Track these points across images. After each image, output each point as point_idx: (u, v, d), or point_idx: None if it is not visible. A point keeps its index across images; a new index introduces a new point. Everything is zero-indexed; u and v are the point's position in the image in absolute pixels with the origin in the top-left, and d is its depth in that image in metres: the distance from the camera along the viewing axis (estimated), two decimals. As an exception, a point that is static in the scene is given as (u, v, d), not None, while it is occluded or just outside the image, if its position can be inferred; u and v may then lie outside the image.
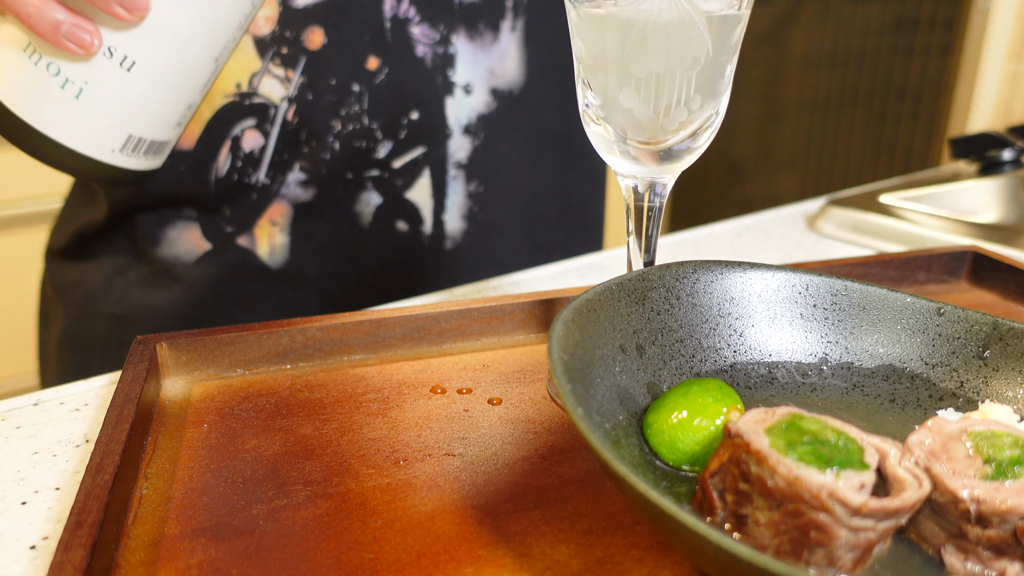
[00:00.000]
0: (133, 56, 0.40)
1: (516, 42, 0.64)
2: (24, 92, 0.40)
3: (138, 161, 0.44)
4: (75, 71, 0.40)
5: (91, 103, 0.41)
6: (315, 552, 0.29)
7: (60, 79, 0.40)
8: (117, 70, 0.40)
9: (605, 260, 0.66)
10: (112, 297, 0.63)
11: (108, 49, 0.40)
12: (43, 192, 1.61)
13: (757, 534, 0.27)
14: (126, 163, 0.44)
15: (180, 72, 0.42)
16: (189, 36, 0.41)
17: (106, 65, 0.40)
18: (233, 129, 0.58)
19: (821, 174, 2.16)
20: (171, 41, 0.41)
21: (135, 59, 0.40)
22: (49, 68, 0.40)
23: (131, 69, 0.41)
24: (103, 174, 0.43)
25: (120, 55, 0.40)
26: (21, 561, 0.30)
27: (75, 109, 0.41)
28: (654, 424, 0.33)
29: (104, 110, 0.41)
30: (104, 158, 0.42)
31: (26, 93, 0.40)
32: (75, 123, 0.41)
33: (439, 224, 0.65)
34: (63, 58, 0.40)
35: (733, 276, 0.39)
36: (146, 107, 0.42)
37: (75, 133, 0.41)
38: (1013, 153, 0.90)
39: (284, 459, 0.35)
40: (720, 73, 0.36)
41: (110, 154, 0.42)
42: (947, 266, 0.56)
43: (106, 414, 0.34)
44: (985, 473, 0.27)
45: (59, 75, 0.40)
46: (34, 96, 0.40)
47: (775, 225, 0.77)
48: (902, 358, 0.38)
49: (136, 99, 0.42)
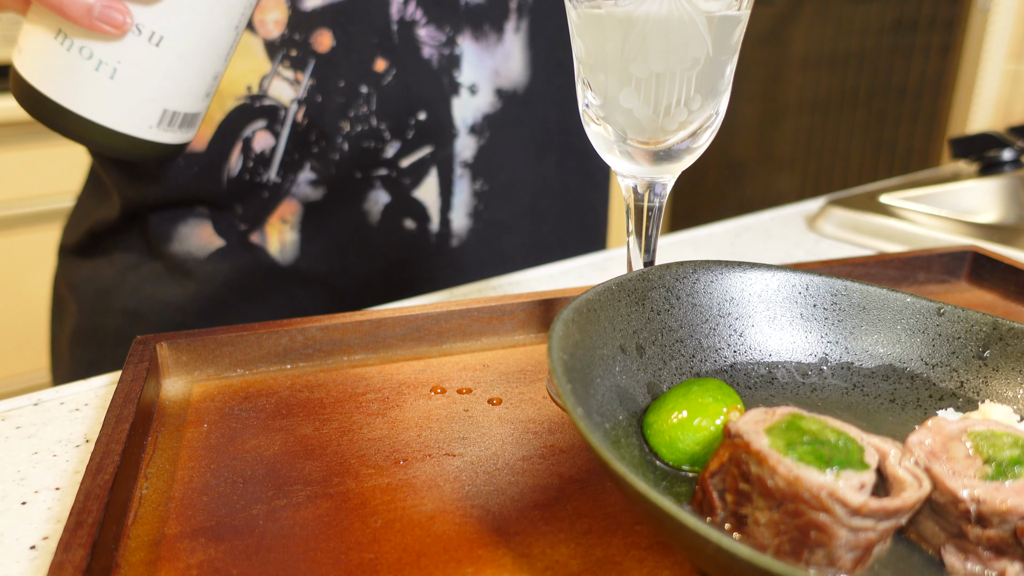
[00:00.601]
0: (161, 31, 0.41)
1: (520, 42, 0.65)
2: (60, 78, 0.41)
3: (174, 135, 0.45)
4: (107, 52, 0.40)
5: (125, 82, 0.41)
6: (315, 552, 0.29)
7: (93, 62, 0.40)
8: (147, 46, 0.41)
9: (605, 260, 0.66)
10: (125, 292, 0.63)
11: (136, 27, 0.40)
12: (44, 192, 1.61)
13: (757, 534, 0.27)
14: (163, 138, 0.44)
15: (205, 42, 0.43)
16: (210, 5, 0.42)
17: (136, 43, 0.41)
18: (244, 130, 0.59)
19: (821, 174, 2.16)
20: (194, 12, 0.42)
21: (163, 34, 0.41)
22: (82, 52, 0.40)
23: (160, 44, 0.41)
24: (142, 151, 0.44)
25: (148, 31, 0.41)
26: (21, 561, 0.30)
27: (111, 90, 0.41)
28: (654, 424, 0.33)
29: (138, 88, 0.42)
30: (142, 135, 0.43)
31: (62, 79, 0.41)
32: (112, 103, 0.42)
33: (446, 222, 0.66)
34: (94, 41, 0.40)
35: (733, 276, 0.39)
36: (177, 80, 0.43)
37: (113, 113, 0.42)
38: (1013, 153, 0.90)
39: (284, 459, 0.35)
40: (720, 73, 0.36)
41: (148, 130, 0.43)
42: (947, 266, 0.56)
43: (106, 414, 0.34)
44: (985, 473, 0.27)
45: (92, 58, 0.40)
46: (70, 81, 0.41)
47: (775, 225, 0.77)
48: (902, 358, 0.38)
49: (167, 73, 0.42)
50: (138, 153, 0.44)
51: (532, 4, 0.65)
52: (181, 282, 0.63)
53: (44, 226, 1.60)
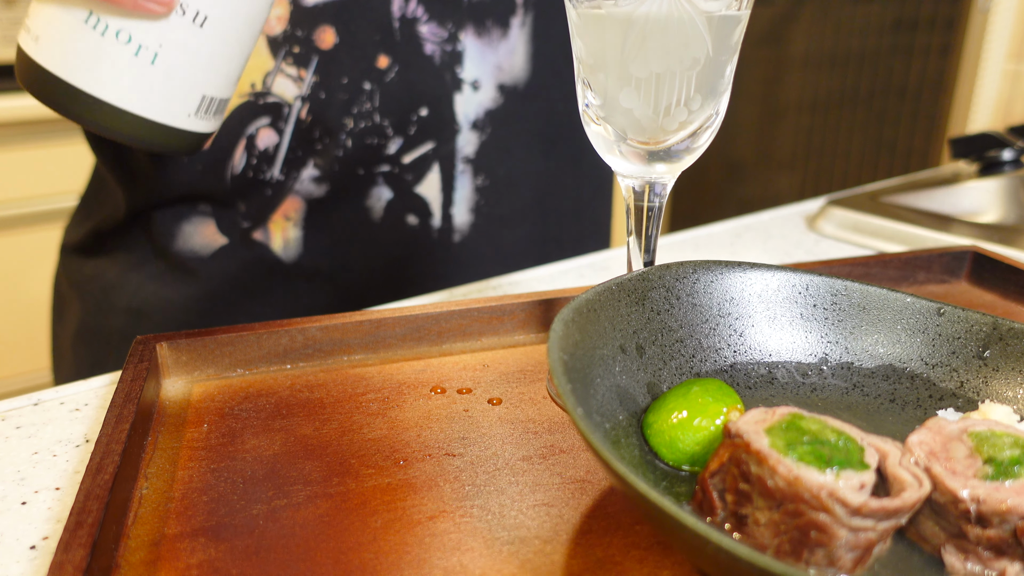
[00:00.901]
0: (205, 10, 0.38)
1: (525, 37, 0.65)
2: (91, 65, 0.38)
3: (208, 123, 0.43)
4: (148, 35, 0.38)
5: (166, 67, 0.39)
6: (315, 552, 0.29)
7: (132, 46, 0.38)
8: (191, 28, 0.38)
9: (605, 260, 0.66)
10: (128, 291, 0.64)
11: (181, 6, 0.38)
12: (44, 192, 1.61)
13: (757, 534, 0.27)
14: (198, 126, 0.42)
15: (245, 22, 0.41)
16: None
17: (180, 25, 0.38)
18: (248, 128, 0.59)
19: (821, 174, 2.16)
20: None
21: (207, 13, 0.39)
22: (119, 36, 0.37)
23: (204, 24, 0.39)
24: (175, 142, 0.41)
25: (192, 11, 0.38)
26: (21, 561, 0.30)
27: (151, 76, 0.39)
28: (654, 424, 0.33)
29: (180, 73, 0.39)
30: (180, 124, 0.41)
31: (94, 66, 0.38)
32: (151, 91, 0.39)
33: (447, 217, 0.66)
34: (133, 23, 0.37)
35: (733, 276, 0.39)
36: (217, 64, 0.40)
37: (152, 102, 0.39)
38: (1013, 153, 0.90)
39: (284, 459, 0.35)
40: (720, 73, 0.36)
41: (186, 119, 0.41)
42: (947, 266, 0.56)
43: (106, 414, 0.34)
44: (985, 473, 0.27)
45: (131, 42, 0.37)
46: (105, 69, 0.38)
47: (775, 225, 0.77)
48: (902, 358, 0.38)
49: (209, 56, 0.40)
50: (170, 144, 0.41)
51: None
52: (185, 280, 0.63)
53: (45, 226, 1.60)
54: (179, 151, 0.43)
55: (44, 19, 0.38)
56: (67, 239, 0.69)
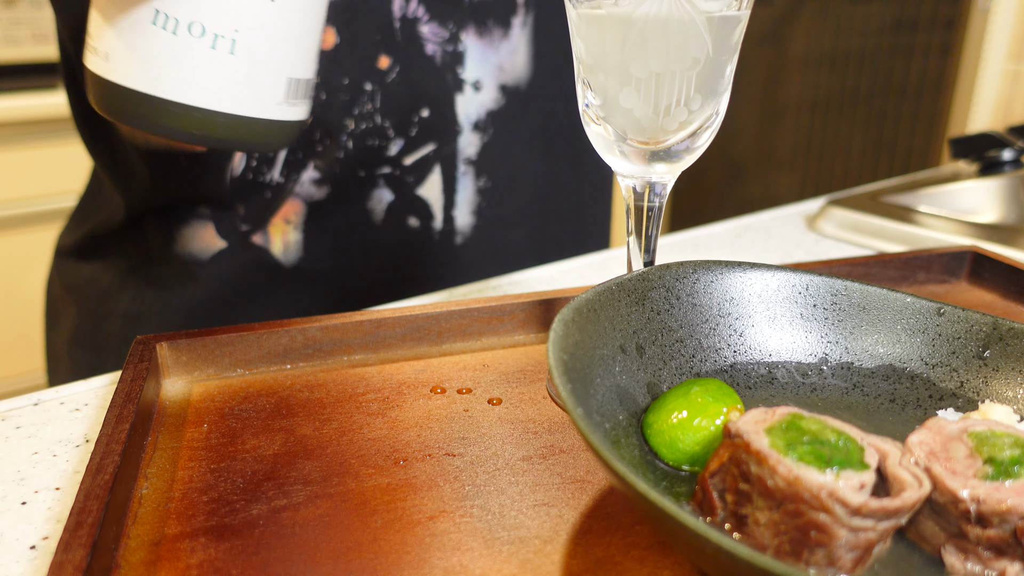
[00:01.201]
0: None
1: (526, 37, 0.65)
2: (172, 70, 0.35)
3: (299, 108, 0.40)
4: (220, 23, 0.35)
5: (247, 53, 0.36)
6: (315, 552, 0.29)
7: (207, 38, 0.35)
8: (263, 4, 0.36)
9: (605, 260, 0.66)
10: (127, 296, 0.63)
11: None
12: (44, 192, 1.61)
13: (757, 534, 0.27)
14: (291, 114, 0.39)
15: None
16: None
17: (251, 3, 0.35)
18: None
19: (821, 174, 2.16)
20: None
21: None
22: (192, 30, 0.35)
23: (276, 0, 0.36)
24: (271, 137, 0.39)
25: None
26: (21, 561, 0.30)
27: (233, 67, 0.36)
28: (654, 424, 0.33)
29: (261, 57, 0.37)
30: (273, 114, 0.38)
31: (174, 70, 0.35)
32: (237, 83, 0.36)
33: (449, 219, 0.66)
34: (203, 12, 0.34)
35: (733, 276, 0.39)
36: (296, 40, 0.38)
37: (240, 96, 0.37)
38: (1013, 153, 0.90)
39: (284, 459, 0.35)
40: (720, 73, 0.36)
41: (277, 108, 0.38)
42: (947, 266, 0.56)
43: (106, 414, 0.34)
44: (985, 473, 0.27)
45: (205, 34, 0.35)
46: (184, 70, 0.35)
47: (775, 225, 0.77)
48: (902, 358, 0.38)
49: (286, 33, 0.37)
50: (267, 140, 0.39)
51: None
52: (183, 285, 0.62)
53: (45, 226, 1.60)
54: (276, 145, 0.40)
55: (109, 33, 0.35)
56: (62, 243, 0.69)
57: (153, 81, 0.35)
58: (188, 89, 0.35)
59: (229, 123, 0.37)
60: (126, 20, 0.35)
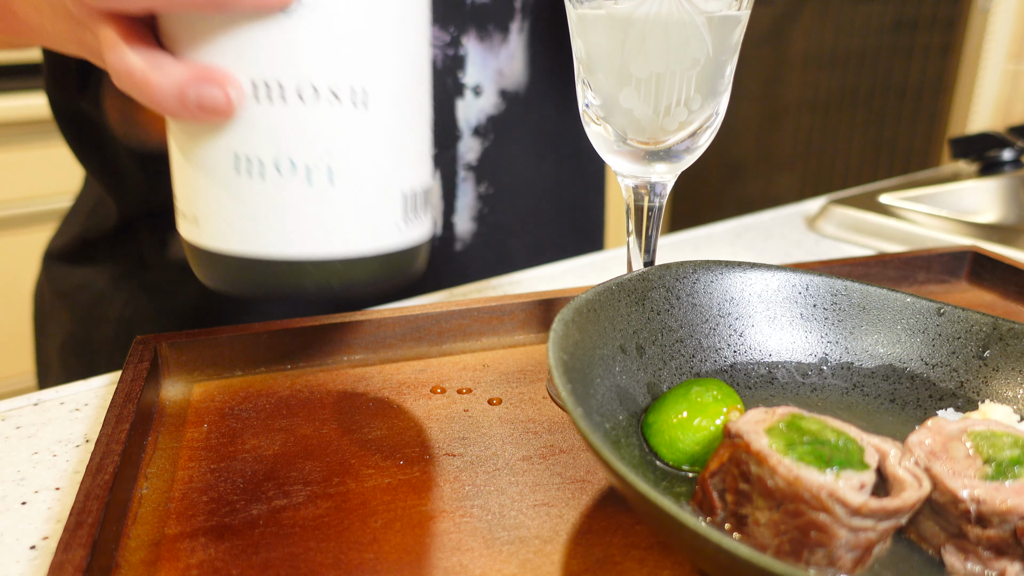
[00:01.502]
0: (360, 83, 0.29)
1: (523, 42, 0.64)
2: (268, 221, 0.29)
3: (421, 225, 0.33)
4: (311, 151, 0.29)
5: (349, 178, 0.30)
6: (315, 552, 0.29)
7: (300, 174, 0.29)
8: (353, 114, 0.29)
9: (605, 260, 0.66)
10: (120, 301, 0.62)
11: (330, 91, 0.29)
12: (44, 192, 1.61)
13: (757, 534, 0.27)
14: (413, 234, 0.33)
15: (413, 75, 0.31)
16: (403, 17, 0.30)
17: (338, 116, 0.29)
18: None
19: (821, 174, 2.16)
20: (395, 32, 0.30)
21: (363, 86, 0.29)
22: (280, 168, 0.29)
23: (367, 102, 0.30)
24: (395, 268, 0.32)
25: (346, 91, 0.29)
26: (21, 561, 0.30)
27: (336, 199, 0.30)
28: (654, 424, 0.33)
29: (367, 178, 0.30)
30: (392, 242, 0.32)
31: (270, 221, 0.29)
32: (344, 217, 0.30)
33: (449, 226, 0.66)
34: (289, 142, 0.29)
35: (733, 276, 0.39)
36: (405, 144, 0.31)
37: (351, 231, 0.30)
38: (1013, 153, 0.90)
39: (284, 459, 0.35)
40: (720, 73, 0.36)
41: (396, 232, 0.32)
42: (947, 266, 0.56)
43: (106, 414, 0.34)
44: (985, 473, 0.27)
45: (296, 169, 0.29)
46: (281, 217, 0.29)
47: (775, 225, 0.77)
48: (902, 358, 0.38)
49: (391, 139, 0.31)
50: (388, 274, 0.32)
51: (534, 3, 0.64)
52: (179, 290, 0.61)
53: (44, 226, 1.60)
54: (404, 277, 0.34)
55: (192, 192, 0.31)
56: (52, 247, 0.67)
57: (251, 239, 0.30)
58: (291, 240, 0.30)
59: (345, 267, 0.31)
60: (206, 173, 0.30)
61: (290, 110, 0.29)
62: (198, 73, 0.27)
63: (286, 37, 0.28)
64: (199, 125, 0.29)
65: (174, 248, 0.61)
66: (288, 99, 0.28)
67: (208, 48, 0.28)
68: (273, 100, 0.29)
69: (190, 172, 0.30)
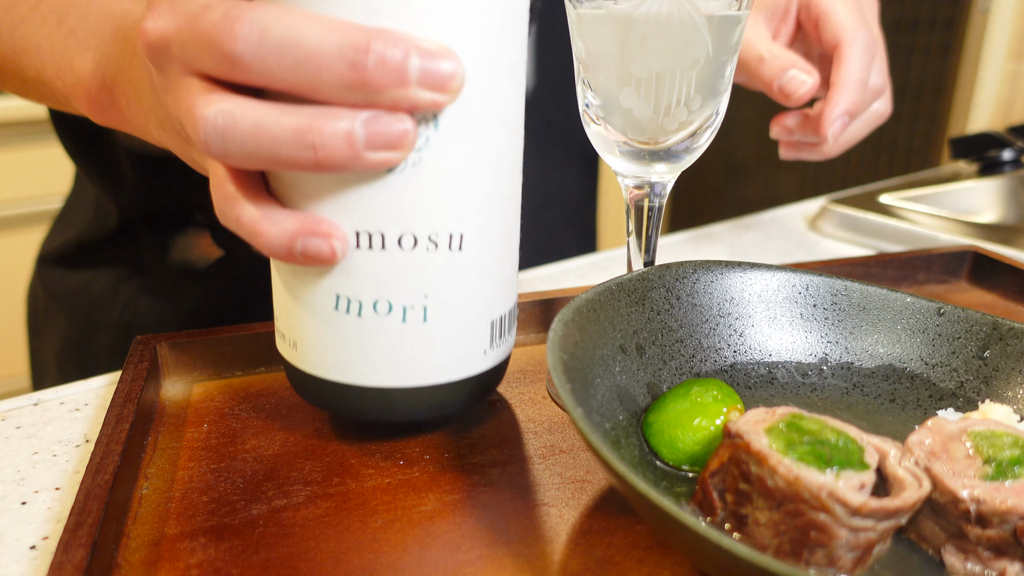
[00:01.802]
0: (457, 229, 0.30)
1: (531, 46, 0.64)
2: (362, 356, 0.31)
3: (505, 345, 0.35)
4: (408, 293, 0.30)
5: (442, 317, 0.31)
6: (315, 552, 0.29)
7: (396, 314, 0.30)
8: (448, 257, 0.30)
9: (605, 260, 0.66)
10: (118, 305, 0.61)
11: (428, 239, 0.29)
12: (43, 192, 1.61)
13: (757, 534, 0.27)
14: (498, 356, 0.34)
15: (506, 209, 0.32)
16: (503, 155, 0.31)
17: (433, 262, 0.30)
18: None
19: (821, 174, 2.16)
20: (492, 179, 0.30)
21: (462, 231, 0.30)
22: (377, 308, 0.30)
23: (463, 246, 0.30)
24: (479, 389, 0.34)
25: (444, 238, 0.30)
26: (21, 561, 0.30)
27: (430, 336, 0.31)
28: (654, 424, 0.33)
29: (458, 316, 0.31)
30: (479, 367, 0.33)
31: (365, 355, 0.31)
32: (436, 352, 0.32)
33: None
34: (386, 286, 0.30)
35: (733, 276, 0.39)
36: (495, 277, 0.32)
37: (442, 364, 0.32)
38: (1013, 153, 0.90)
39: (284, 459, 0.35)
40: (720, 73, 0.36)
41: (483, 358, 0.33)
42: (947, 266, 0.56)
43: (106, 414, 0.34)
44: (985, 473, 0.27)
45: (392, 310, 0.30)
46: (376, 353, 0.31)
47: (775, 225, 0.77)
48: (902, 358, 0.38)
49: (482, 275, 0.31)
50: (475, 394, 0.34)
51: (541, 7, 0.64)
52: (179, 294, 0.61)
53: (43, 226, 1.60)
54: (482, 397, 0.35)
55: (292, 321, 0.32)
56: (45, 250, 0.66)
57: (345, 369, 0.31)
58: (383, 372, 0.31)
59: (435, 394, 0.32)
60: (306, 306, 0.31)
61: (390, 256, 0.29)
62: (307, 225, 0.28)
63: (391, 192, 0.29)
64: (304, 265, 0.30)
65: (176, 252, 0.60)
66: (388, 247, 0.29)
67: (316, 200, 0.29)
68: (374, 248, 0.29)
69: (291, 302, 0.32)
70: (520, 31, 0.30)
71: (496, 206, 0.31)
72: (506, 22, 0.29)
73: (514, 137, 0.32)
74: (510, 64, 0.30)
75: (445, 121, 0.28)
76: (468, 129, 0.29)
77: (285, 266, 0.32)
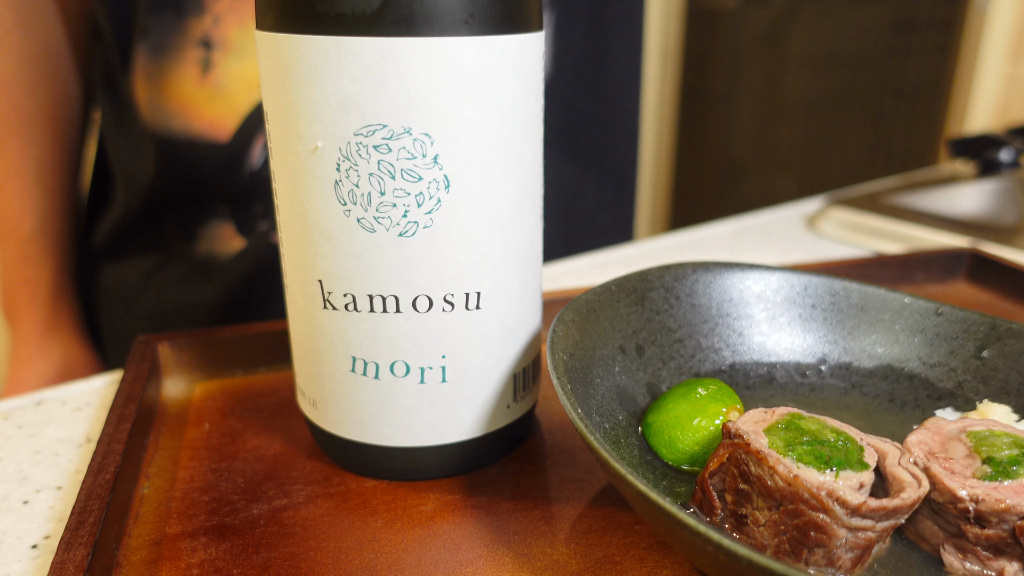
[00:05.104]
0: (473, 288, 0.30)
1: (549, 36, 0.64)
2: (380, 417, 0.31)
3: (530, 396, 0.35)
4: (425, 355, 0.30)
5: (461, 375, 0.31)
6: (315, 552, 0.29)
7: (413, 376, 0.30)
8: (465, 316, 0.30)
9: (605, 260, 0.66)
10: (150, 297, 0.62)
11: (444, 300, 0.29)
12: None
13: (757, 534, 0.27)
14: (522, 408, 0.34)
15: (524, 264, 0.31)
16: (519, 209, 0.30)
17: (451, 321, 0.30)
18: None
19: (820, 174, 2.16)
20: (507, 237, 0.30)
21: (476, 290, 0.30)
22: (395, 370, 0.30)
23: (480, 305, 0.30)
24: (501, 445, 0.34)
25: (460, 298, 0.29)
26: (23, 560, 0.30)
27: (450, 395, 0.31)
28: (654, 424, 0.33)
29: (479, 372, 0.31)
30: (503, 421, 0.33)
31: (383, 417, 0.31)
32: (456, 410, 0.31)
33: None
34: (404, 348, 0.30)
35: (733, 276, 0.39)
36: (518, 332, 0.32)
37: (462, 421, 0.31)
38: (1011, 154, 0.91)
39: (285, 459, 0.35)
40: None
41: (506, 411, 0.33)
42: (945, 266, 0.56)
43: (108, 414, 0.35)
44: (984, 473, 0.27)
45: (410, 372, 0.30)
46: (394, 414, 0.31)
47: (774, 225, 0.77)
48: (901, 358, 0.38)
49: (501, 335, 0.31)
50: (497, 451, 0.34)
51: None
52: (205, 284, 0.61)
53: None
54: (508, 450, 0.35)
55: (310, 380, 0.32)
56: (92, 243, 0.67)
57: (365, 430, 0.31)
58: (403, 432, 0.31)
59: (458, 451, 0.32)
60: (324, 368, 0.31)
61: (405, 319, 0.29)
62: None
63: (404, 256, 0.28)
64: (318, 327, 0.30)
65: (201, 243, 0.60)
66: (403, 310, 0.29)
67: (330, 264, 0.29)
68: (388, 311, 0.29)
69: (308, 363, 0.32)
70: (535, 83, 0.29)
71: (513, 261, 0.30)
72: (519, 77, 0.28)
73: (530, 189, 0.31)
74: (524, 118, 0.29)
75: (456, 182, 0.28)
76: (481, 187, 0.28)
77: (302, 327, 0.31)
